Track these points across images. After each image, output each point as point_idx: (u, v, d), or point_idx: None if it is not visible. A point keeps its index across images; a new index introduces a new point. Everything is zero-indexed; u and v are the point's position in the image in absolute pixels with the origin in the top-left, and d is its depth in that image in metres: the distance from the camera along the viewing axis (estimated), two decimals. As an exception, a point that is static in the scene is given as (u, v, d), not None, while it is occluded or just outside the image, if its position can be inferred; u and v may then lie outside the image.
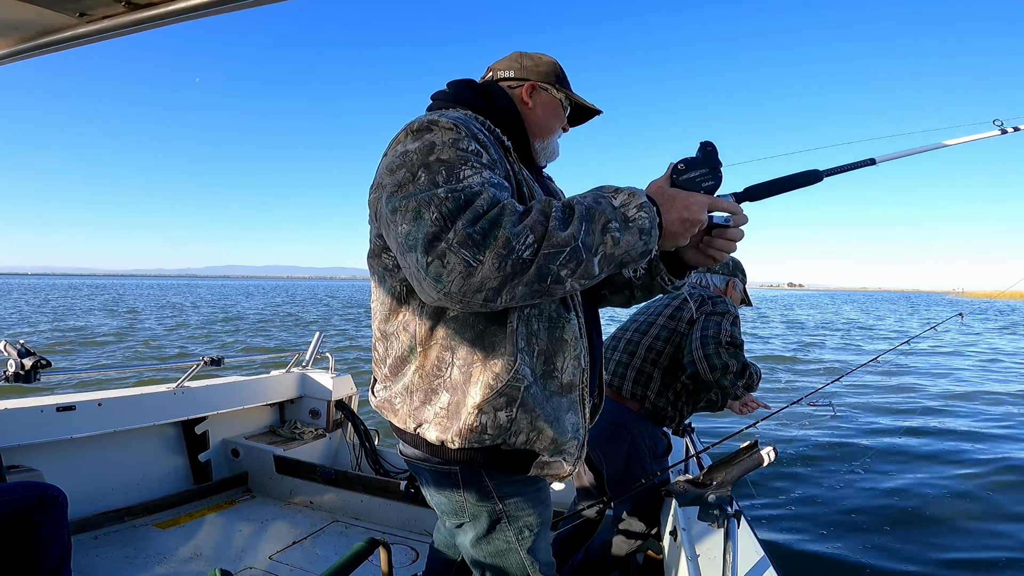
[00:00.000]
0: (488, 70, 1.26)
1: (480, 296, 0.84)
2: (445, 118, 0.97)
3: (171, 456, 2.94)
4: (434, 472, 1.10)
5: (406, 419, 1.07)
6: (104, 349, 13.26)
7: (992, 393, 8.80)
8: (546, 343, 1.04)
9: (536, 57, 1.23)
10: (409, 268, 0.89)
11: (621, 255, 0.89)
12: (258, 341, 15.22)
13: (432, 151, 0.91)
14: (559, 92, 1.23)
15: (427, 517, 2.63)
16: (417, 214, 0.86)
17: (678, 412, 2.13)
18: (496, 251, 0.82)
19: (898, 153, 1.12)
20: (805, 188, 1.09)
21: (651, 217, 0.91)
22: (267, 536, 2.61)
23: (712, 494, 1.29)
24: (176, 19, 0.88)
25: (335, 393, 3.35)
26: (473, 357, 1.00)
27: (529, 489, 1.12)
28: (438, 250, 0.83)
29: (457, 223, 0.83)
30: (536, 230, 0.84)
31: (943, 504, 4.22)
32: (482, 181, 0.90)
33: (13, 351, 2.12)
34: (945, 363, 12.36)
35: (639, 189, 0.95)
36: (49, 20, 0.92)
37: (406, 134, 0.97)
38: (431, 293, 0.86)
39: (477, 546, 1.13)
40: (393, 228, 0.90)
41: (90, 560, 2.30)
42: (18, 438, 2.29)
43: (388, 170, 0.94)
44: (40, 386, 2.29)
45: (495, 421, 0.99)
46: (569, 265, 0.85)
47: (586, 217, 0.87)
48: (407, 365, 1.06)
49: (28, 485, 1.71)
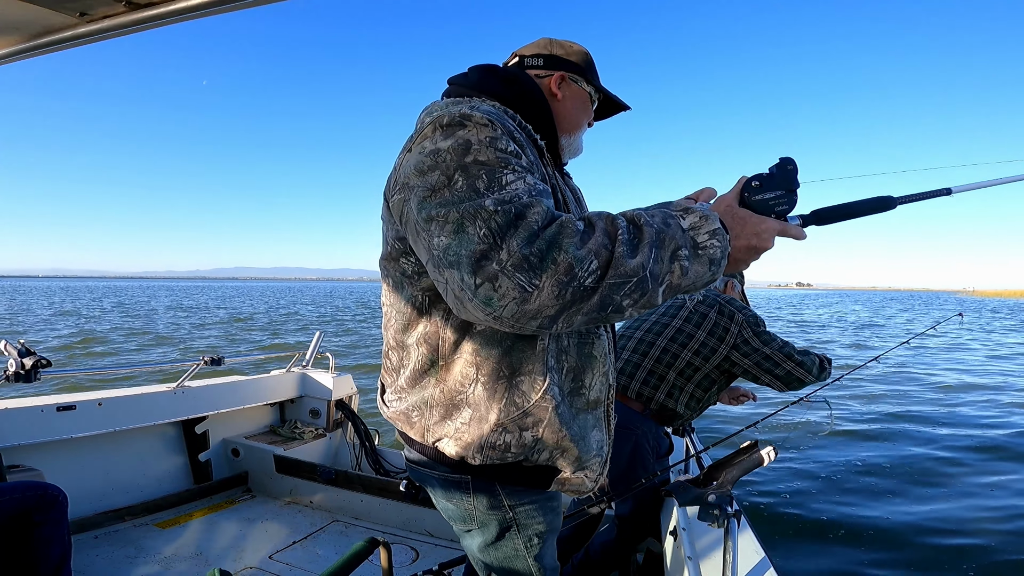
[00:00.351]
0: (513, 55, 1.15)
1: (535, 323, 0.77)
2: (478, 112, 0.87)
3: (171, 456, 2.94)
4: (443, 480, 1.06)
5: (423, 433, 1.02)
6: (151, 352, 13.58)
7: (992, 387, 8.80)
8: (575, 360, 1.00)
9: (567, 45, 1.13)
10: (448, 284, 0.81)
11: (687, 286, 0.82)
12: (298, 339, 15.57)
13: (468, 151, 0.82)
14: (589, 85, 1.15)
15: (427, 517, 2.63)
16: (460, 227, 0.77)
17: (689, 412, 2.13)
18: (556, 277, 0.74)
19: (975, 184, 1.06)
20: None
21: (723, 247, 0.84)
22: (267, 536, 2.61)
23: (712, 494, 1.29)
24: (176, 19, 0.88)
25: (335, 393, 3.35)
26: (499, 373, 0.94)
27: (540, 498, 1.09)
28: (488, 271, 0.75)
29: (511, 242, 0.75)
30: (601, 255, 0.76)
31: (943, 504, 4.22)
32: (528, 189, 0.81)
33: (13, 351, 2.12)
34: (956, 359, 12.37)
35: (711, 211, 0.86)
36: (49, 20, 0.92)
37: (434, 128, 0.87)
38: (477, 315, 0.79)
39: (484, 551, 1.11)
40: (426, 238, 0.82)
41: (90, 560, 2.30)
42: (18, 438, 2.29)
43: (418, 170, 0.84)
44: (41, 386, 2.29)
45: (520, 440, 0.95)
46: (633, 295, 0.78)
47: (656, 243, 0.79)
48: (426, 378, 1.00)
49: (28, 485, 1.71)
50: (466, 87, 1.05)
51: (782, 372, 2.01)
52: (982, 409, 7.57)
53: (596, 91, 1.17)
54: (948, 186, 1.01)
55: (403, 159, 0.90)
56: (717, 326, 2.02)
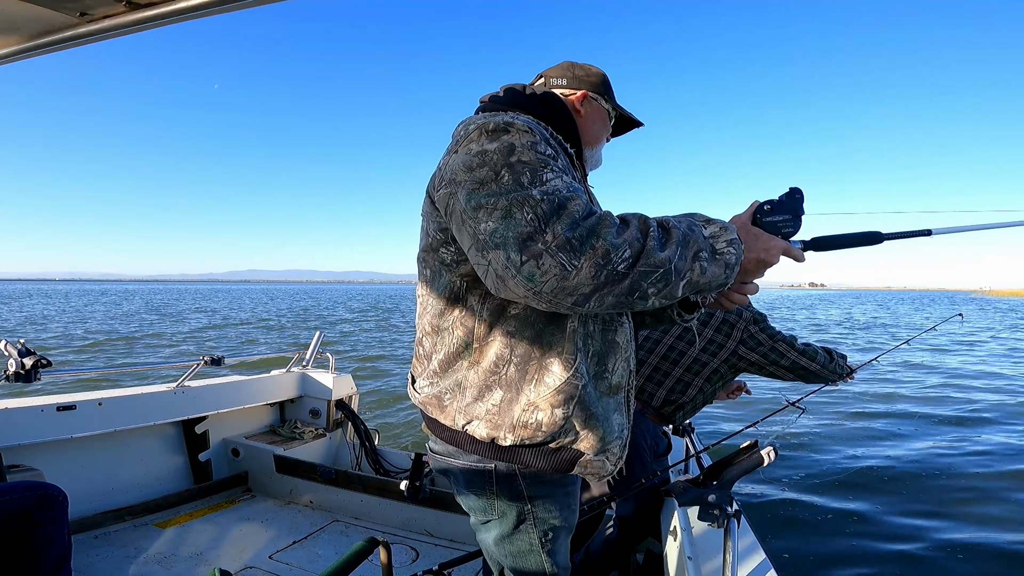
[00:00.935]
0: (539, 77, 1.28)
1: (570, 299, 0.86)
2: (519, 120, 0.98)
3: (171, 455, 2.94)
4: (466, 470, 1.11)
5: (455, 415, 1.07)
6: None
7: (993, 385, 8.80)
8: (600, 344, 1.07)
9: (587, 68, 1.26)
10: (491, 265, 0.89)
11: (703, 284, 0.92)
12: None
13: (512, 152, 0.92)
14: (607, 103, 1.27)
15: (427, 517, 2.63)
16: (507, 213, 0.87)
17: (695, 402, 2.15)
18: (594, 260, 0.84)
19: (953, 228, 1.17)
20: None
21: (738, 254, 0.95)
22: (267, 535, 2.61)
23: (712, 494, 1.28)
24: (177, 19, 0.88)
25: (335, 393, 3.35)
26: (531, 355, 1.01)
27: (558, 492, 1.13)
28: (533, 251, 0.84)
29: (555, 226, 0.85)
30: (634, 246, 0.86)
31: (944, 503, 4.22)
32: (566, 185, 0.91)
33: (14, 351, 2.12)
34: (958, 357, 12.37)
35: (730, 224, 0.99)
36: (50, 20, 0.92)
37: (480, 133, 0.97)
38: (517, 290, 0.87)
39: (500, 544, 1.16)
40: (472, 224, 0.90)
41: (90, 560, 2.30)
42: (18, 437, 2.29)
43: (466, 167, 0.93)
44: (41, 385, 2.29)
45: (551, 418, 1.01)
46: (658, 285, 0.87)
47: (682, 243, 0.90)
48: (460, 360, 1.06)
49: (29, 484, 1.71)
50: (500, 104, 1.15)
51: (787, 362, 2.07)
52: (986, 409, 7.57)
53: (613, 109, 1.28)
54: (929, 227, 1.14)
55: (448, 160, 0.99)
56: (724, 323, 2.08)
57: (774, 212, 1.04)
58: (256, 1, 0.83)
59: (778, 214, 1.04)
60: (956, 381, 9.94)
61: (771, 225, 1.04)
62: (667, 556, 1.70)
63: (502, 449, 1.05)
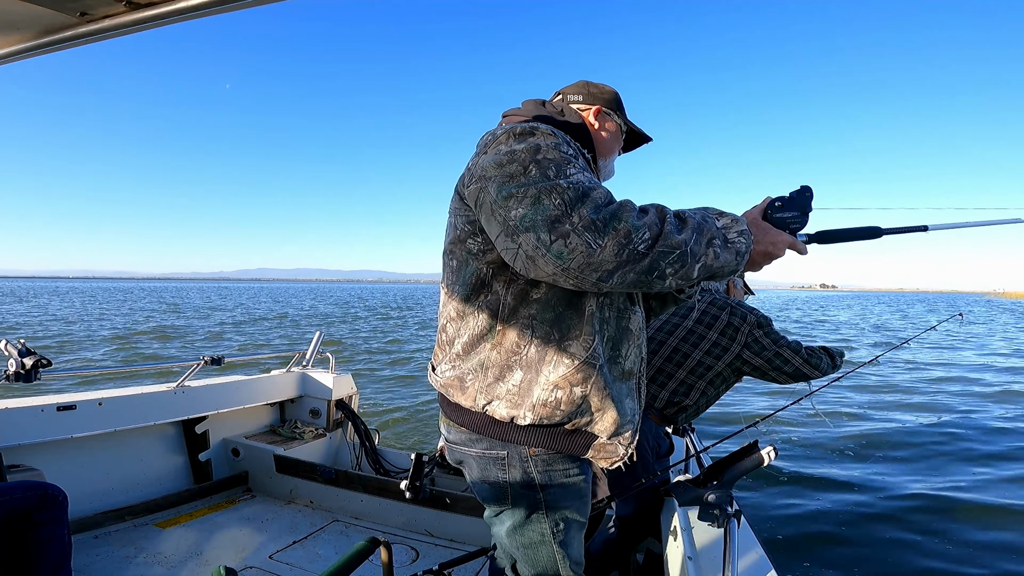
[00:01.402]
0: (557, 93, 1.37)
1: (595, 275, 0.94)
2: (543, 126, 1.08)
3: (171, 455, 2.94)
4: (481, 458, 1.16)
5: (476, 396, 1.12)
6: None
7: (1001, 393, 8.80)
8: (614, 330, 1.14)
9: (601, 86, 1.36)
10: (521, 247, 0.96)
11: (716, 268, 1.00)
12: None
13: (539, 151, 1.01)
14: (619, 118, 1.36)
15: (427, 517, 2.63)
16: (536, 200, 0.95)
17: (698, 405, 2.15)
18: (617, 239, 0.92)
19: (948, 224, 1.24)
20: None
21: (747, 243, 1.04)
22: (267, 535, 2.61)
23: (712, 494, 1.29)
24: (177, 19, 0.88)
25: (335, 392, 3.35)
26: (551, 337, 1.08)
27: (569, 481, 1.17)
28: (561, 231, 0.92)
29: (581, 209, 0.93)
30: (652, 229, 0.94)
31: (943, 502, 4.22)
32: (589, 178, 1.00)
33: (14, 350, 2.12)
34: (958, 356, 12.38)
35: (741, 217, 1.08)
36: (49, 20, 0.92)
37: (508, 136, 1.06)
38: (547, 268, 0.95)
39: (512, 535, 1.18)
40: (502, 212, 0.98)
41: (90, 559, 2.30)
42: (18, 437, 2.29)
43: (496, 164, 1.02)
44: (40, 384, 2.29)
45: (570, 396, 1.07)
46: (675, 265, 0.95)
47: (697, 229, 0.98)
48: (483, 342, 1.12)
49: (29, 484, 1.71)
50: (522, 116, 1.25)
51: (791, 369, 2.07)
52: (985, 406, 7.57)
53: (624, 124, 1.38)
54: (925, 223, 1.22)
55: (478, 160, 1.08)
56: (729, 327, 2.08)
57: (784, 208, 1.12)
58: (256, 1, 0.83)
59: (787, 211, 1.12)
60: (959, 378, 9.94)
61: (780, 221, 1.12)
62: (667, 556, 1.70)
63: (519, 429, 1.10)
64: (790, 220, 1.12)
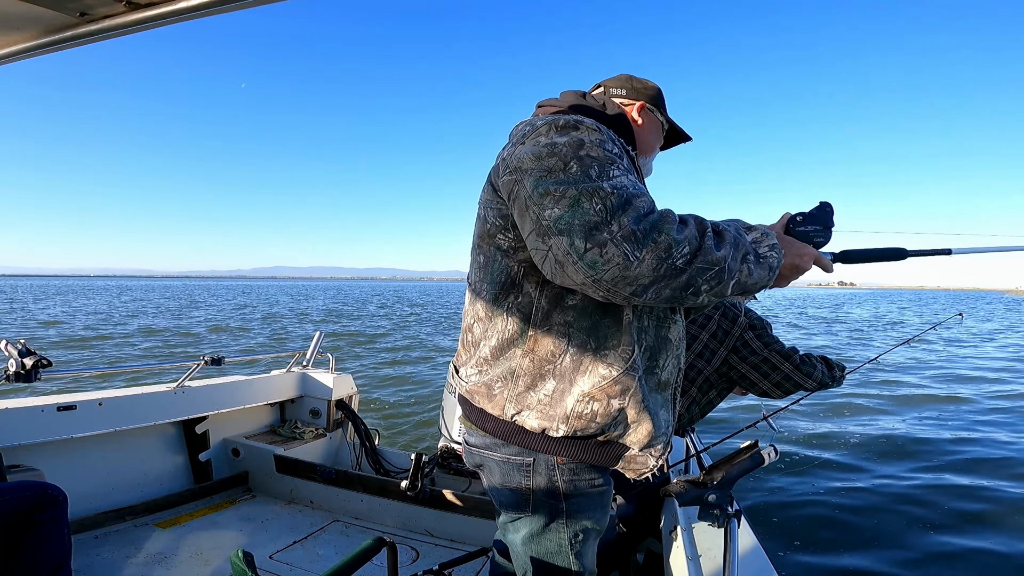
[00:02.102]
0: (598, 86, 1.32)
1: (629, 289, 0.88)
2: (588, 120, 1.01)
3: (171, 455, 2.94)
4: (504, 463, 1.11)
5: (504, 404, 1.06)
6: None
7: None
8: (653, 340, 1.09)
9: (644, 81, 1.30)
10: (551, 250, 0.91)
11: (749, 285, 0.97)
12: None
13: (582, 147, 0.95)
14: (661, 115, 1.31)
15: (427, 517, 2.63)
16: (576, 202, 0.88)
17: (690, 415, 2.12)
18: (657, 253, 0.86)
19: (971, 249, 1.26)
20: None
21: (779, 258, 1.00)
22: (267, 535, 2.61)
23: (712, 494, 1.28)
24: (177, 19, 0.88)
25: (335, 392, 3.36)
26: (587, 345, 1.02)
27: (594, 491, 1.13)
28: (598, 239, 0.86)
29: (622, 218, 0.87)
30: (692, 243, 0.89)
31: (944, 501, 4.22)
32: (633, 182, 0.94)
33: (14, 350, 2.12)
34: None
35: (769, 230, 1.04)
36: (49, 20, 0.91)
37: (549, 128, 0.99)
38: (576, 276, 0.89)
39: (529, 543, 1.14)
40: (536, 210, 0.92)
41: (90, 560, 2.30)
42: (18, 437, 2.29)
43: (535, 156, 0.95)
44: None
45: (607, 409, 1.02)
46: (711, 282, 0.91)
47: (734, 244, 0.94)
48: (513, 348, 1.06)
49: (28, 484, 1.71)
50: (558, 107, 1.18)
51: (779, 376, 1.97)
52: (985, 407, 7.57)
53: (666, 121, 1.33)
54: (949, 247, 1.22)
55: (514, 151, 1.01)
56: (719, 329, 2.01)
57: (806, 223, 1.11)
58: (256, 1, 0.83)
59: (809, 225, 1.11)
60: (963, 376, 9.94)
61: (803, 235, 1.11)
62: (667, 556, 1.70)
63: (551, 440, 1.05)
64: (813, 234, 1.11)
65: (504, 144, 1.17)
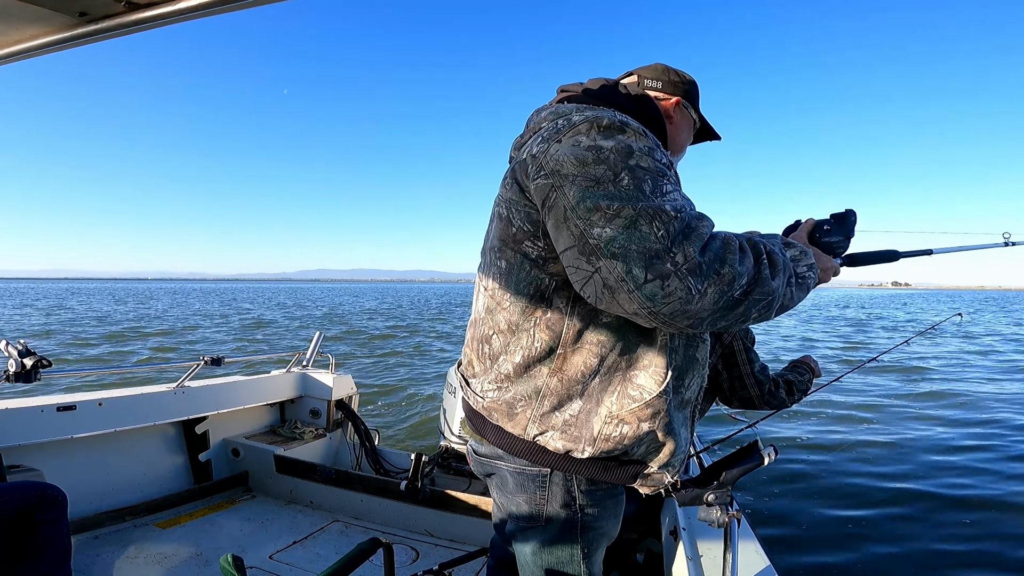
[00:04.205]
0: (630, 73, 1.22)
1: (687, 322, 0.83)
2: (634, 122, 0.92)
3: (171, 456, 2.94)
4: (519, 473, 1.06)
5: (527, 425, 1.00)
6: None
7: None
8: (681, 359, 1.02)
9: (682, 74, 1.21)
10: (599, 272, 0.83)
11: (789, 307, 0.93)
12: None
13: (631, 155, 0.86)
14: (695, 112, 1.23)
15: (427, 517, 2.63)
16: (632, 224, 0.80)
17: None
18: (720, 286, 0.81)
19: (950, 248, 1.30)
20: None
21: (815, 277, 0.97)
22: (267, 535, 2.61)
23: (712, 494, 1.28)
24: (177, 19, 0.88)
25: (335, 393, 3.36)
26: (618, 366, 0.97)
27: (609, 501, 1.10)
28: (661, 270, 0.79)
29: (687, 248, 0.80)
30: (750, 274, 0.84)
31: (943, 502, 4.22)
32: (687, 200, 0.88)
33: (14, 351, 2.12)
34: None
35: (808, 248, 1.00)
36: (50, 20, 0.91)
37: (591, 127, 0.89)
38: (628, 306, 0.82)
39: (540, 553, 1.10)
40: (580, 225, 0.84)
41: (90, 560, 2.30)
42: (18, 438, 2.29)
43: (578, 161, 0.86)
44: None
45: (636, 432, 0.96)
46: (761, 310, 0.87)
47: (784, 269, 0.90)
48: (540, 366, 0.98)
49: (28, 485, 1.71)
50: (590, 97, 1.06)
51: (745, 395, 1.98)
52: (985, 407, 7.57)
53: (699, 119, 1.25)
54: (930, 247, 1.27)
55: (548, 148, 0.91)
56: (737, 346, 1.99)
57: (832, 233, 1.09)
58: (256, 1, 0.83)
59: (835, 235, 1.09)
60: (966, 374, 9.94)
61: (828, 245, 1.09)
62: (667, 556, 1.70)
63: (573, 461, 1.00)
64: (836, 245, 1.09)
65: (522, 133, 1.08)
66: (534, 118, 1.06)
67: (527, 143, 1.00)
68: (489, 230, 1.08)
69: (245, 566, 2.35)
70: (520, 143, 1.07)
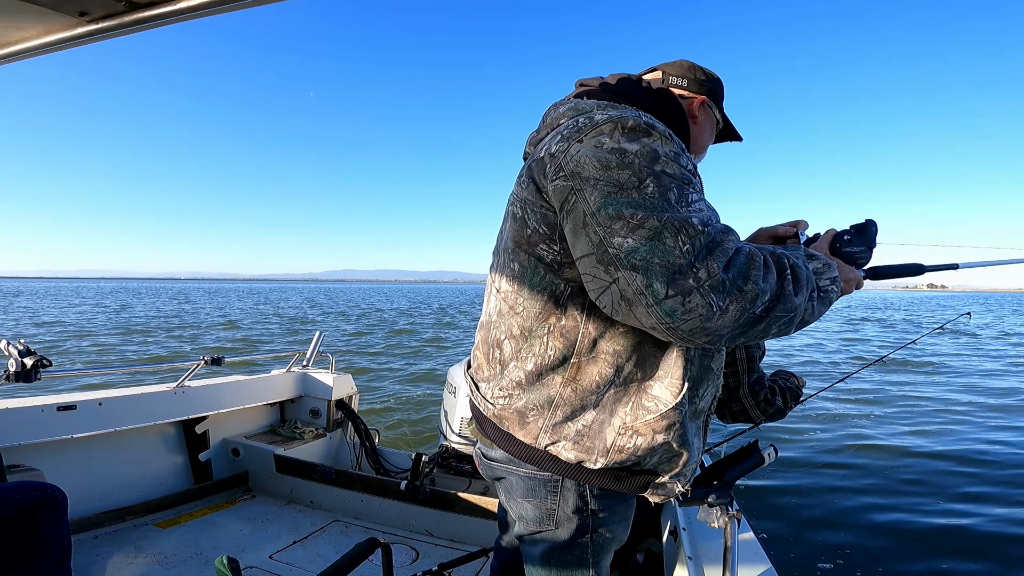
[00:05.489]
0: (653, 69, 1.18)
1: (706, 338, 0.81)
2: (660, 125, 0.89)
3: (171, 455, 2.94)
4: (530, 478, 1.04)
5: (538, 434, 0.98)
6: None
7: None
8: (696, 370, 1.00)
9: (708, 72, 1.17)
10: (617, 283, 0.81)
11: (809, 321, 0.90)
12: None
13: (657, 160, 0.83)
14: (718, 113, 1.20)
15: (427, 517, 2.63)
16: (657, 235, 0.78)
17: None
18: (742, 304, 0.78)
19: (977, 263, 1.27)
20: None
21: (837, 291, 0.94)
22: (267, 535, 2.61)
23: (712, 494, 1.28)
24: (177, 19, 0.88)
25: (335, 392, 3.36)
26: (633, 376, 0.94)
27: (620, 506, 1.08)
28: (683, 286, 0.77)
29: (711, 264, 0.78)
30: (773, 290, 0.81)
31: (945, 502, 4.22)
32: (712, 210, 0.85)
33: (14, 351, 2.12)
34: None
35: (831, 260, 0.96)
36: (49, 20, 0.91)
37: (614, 128, 0.85)
38: (646, 320, 0.80)
39: (549, 557, 1.09)
40: (600, 232, 0.81)
41: (90, 560, 2.30)
42: (18, 438, 2.29)
43: (601, 164, 0.83)
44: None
45: (650, 443, 0.94)
46: (781, 325, 0.84)
47: (806, 284, 0.87)
48: (553, 375, 0.96)
49: (29, 485, 1.71)
50: (610, 93, 1.03)
51: (737, 407, 1.86)
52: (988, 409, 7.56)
53: (722, 120, 1.21)
54: (956, 262, 1.24)
55: (568, 148, 0.88)
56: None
57: (853, 243, 1.07)
58: (256, 1, 0.83)
59: (857, 245, 1.07)
60: (968, 375, 9.93)
61: (849, 256, 1.07)
62: (667, 556, 1.70)
63: (584, 471, 0.98)
64: (858, 255, 1.07)
65: (538, 128, 1.05)
66: (551, 113, 1.03)
67: (545, 140, 0.96)
68: (503, 230, 1.05)
69: (246, 566, 2.35)
70: (536, 139, 1.04)
